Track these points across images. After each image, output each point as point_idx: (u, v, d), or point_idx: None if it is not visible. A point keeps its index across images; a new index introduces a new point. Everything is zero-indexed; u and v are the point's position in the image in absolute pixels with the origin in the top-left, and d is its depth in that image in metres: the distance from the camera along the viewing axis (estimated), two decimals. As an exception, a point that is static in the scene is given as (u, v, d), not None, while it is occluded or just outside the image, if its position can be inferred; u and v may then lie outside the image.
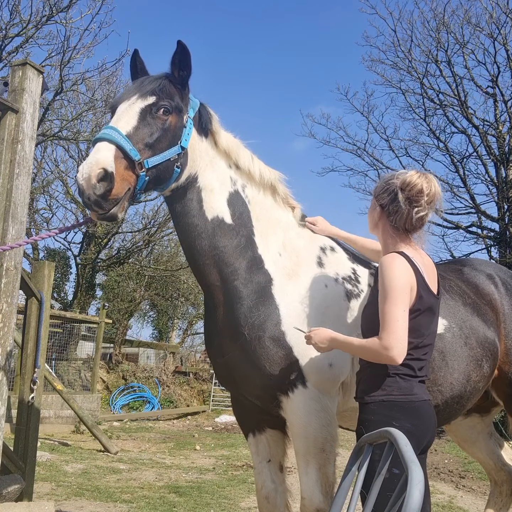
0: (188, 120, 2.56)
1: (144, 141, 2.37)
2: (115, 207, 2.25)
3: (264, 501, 2.81)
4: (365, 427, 2.14)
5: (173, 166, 2.48)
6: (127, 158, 2.28)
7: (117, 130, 2.31)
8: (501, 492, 3.63)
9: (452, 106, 17.38)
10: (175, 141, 2.49)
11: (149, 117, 2.43)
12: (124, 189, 2.26)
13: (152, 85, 2.48)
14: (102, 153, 2.23)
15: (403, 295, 2.15)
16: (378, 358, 2.15)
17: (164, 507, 5.60)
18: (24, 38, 12.61)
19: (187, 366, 18.73)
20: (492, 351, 3.04)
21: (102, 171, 2.18)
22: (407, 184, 2.29)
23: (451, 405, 2.88)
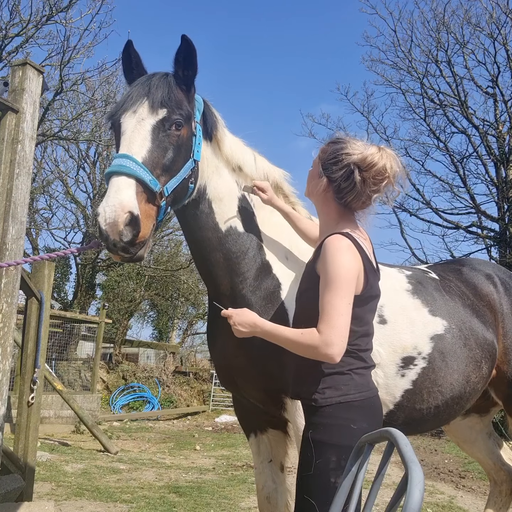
0: (197, 127, 2.37)
1: (161, 165, 2.16)
2: (142, 249, 2.06)
3: (265, 501, 2.80)
4: (319, 431, 1.98)
5: (188, 183, 2.32)
6: (148, 191, 2.07)
7: (133, 159, 2.07)
8: (501, 492, 3.63)
9: (452, 106, 17.38)
10: (188, 155, 2.30)
11: (162, 135, 2.20)
12: (150, 228, 2.08)
13: (160, 93, 2.23)
14: (124, 193, 1.99)
15: (349, 286, 1.93)
16: (313, 354, 1.93)
17: (164, 507, 5.60)
18: (24, 38, 12.61)
19: (187, 366, 18.73)
20: (491, 352, 3.05)
21: (128, 215, 1.96)
22: (367, 164, 2.03)
23: (451, 406, 2.89)
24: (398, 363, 2.73)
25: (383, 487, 5.92)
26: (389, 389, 2.70)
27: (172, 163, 2.20)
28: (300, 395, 2.11)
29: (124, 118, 2.21)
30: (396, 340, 2.74)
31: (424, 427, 2.96)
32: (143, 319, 29.11)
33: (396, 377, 2.72)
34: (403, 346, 2.75)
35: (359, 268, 2.00)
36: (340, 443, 1.94)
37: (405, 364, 2.74)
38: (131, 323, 25.92)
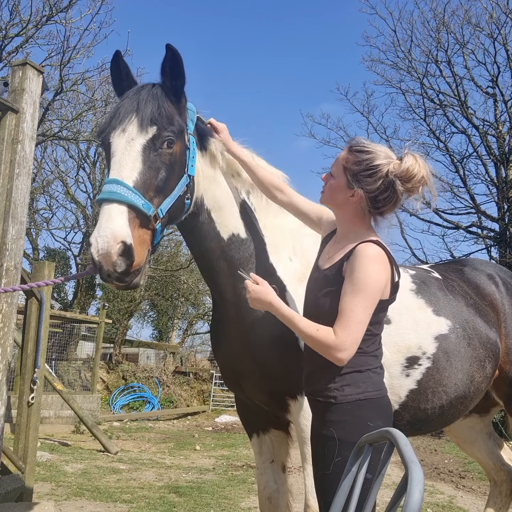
0: (190, 139, 2.29)
1: (153, 186, 2.08)
2: (137, 277, 2.01)
3: (266, 501, 2.80)
4: (339, 429, 1.98)
5: (183, 200, 2.24)
6: (141, 216, 2.01)
7: (123, 184, 2.00)
8: (501, 492, 3.64)
9: (452, 106, 17.38)
10: (182, 172, 2.22)
11: (153, 154, 2.11)
12: (144, 255, 2.02)
13: (150, 108, 2.12)
14: (116, 222, 1.93)
15: (374, 297, 1.98)
16: (324, 352, 1.97)
17: (164, 507, 5.60)
18: (24, 38, 12.61)
19: (187, 366, 18.72)
20: (494, 351, 3.05)
21: (121, 246, 1.91)
22: (408, 176, 2.05)
23: (455, 406, 2.89)
24: (402, 363, 2.73)
25: (383, 487, 5.92)
26: (394, 389, 2.69)
27: (165, 183, 2.13)
28: (316, 393, 2.09)
29: (114, 138, 2.12)
30: (401, 340, 2.74)
31: (429, 427, 2.95)
32: (143, 319, 29.11)
33: (401, 377, 2.72)
34: (407, 346, 2.75)
35: (387, 278, 2.03)
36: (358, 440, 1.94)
37: (409, 364, 2.74)
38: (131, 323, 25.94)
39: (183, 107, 2.28)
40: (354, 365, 2.02)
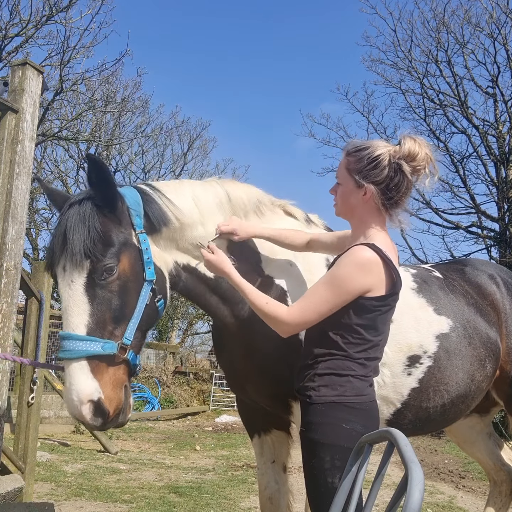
0: (140, 239, 2.12)
1: (110, 320, 1.99)
2: (121, 416, 1.99)
3: (267, 502, 2.80)
4: (311, 430, 1.98)
5: (154, 305, 2.13)
6: (105, 358, 1.94)
7: (75, 337, 1.93)
8: (501, 492, 3.63)
9: (452, 106, 17.39)
10: (140, 282, 2.08)
11: (98, 289, 1.99)
12: (121, 396, 1.98)
13: (79, 238, 1.97)
14: (78, 381, 1.90)
15: (342, 297, 1.96)
16: (270, 323, 2.06)
17: (164, 507, 5.60)
18: (24, 38, 12.63)
19: (187, 366, 18.72)
20: (495, 351, 3.05)
21: (90, 405, 1.89)
22: (411, 155, 2.07)
23: (457, 405, 2.90)
24: (404, 362, 2.73)
25: (383, 487, 5.92)
26: (396, 387, 2.70)
27: (122, 309, 2.02)
28: (298, 391, 2.11)
29: (58, 278, 2.05)
30: (402, 339, 2.74)
31: (431, 426, 2.95)
32: (143, 319, 29.05)
33: (402, 375, 2.72)
34: (409, 344, 2.75)
35: (371, 285, 1.99)
36: (332, 442, 1.93)
37: (411, 362, 2.74)
38: (131, 323, 25.88)
39: (121, 212, 2.10)
40: (335, 367, 2.01)
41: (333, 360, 2.01)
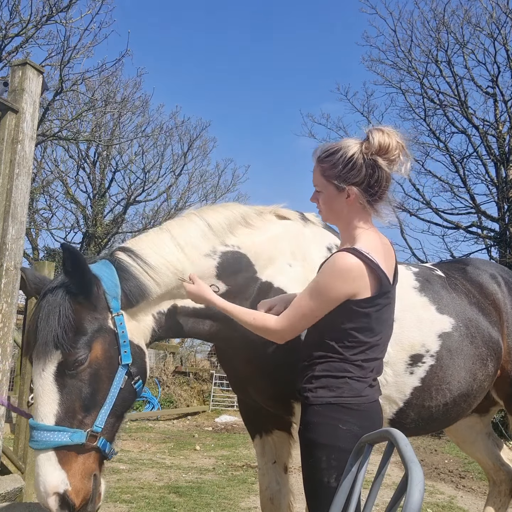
0: (116, 322, 2.10)
1: (80, 408, 1.98)
2: (90, 506, 1.98)
3: (268, 502, 2.80)
4: (308, 429, 2.00)
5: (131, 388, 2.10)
6: (74, 447, 1.94)
7: (43, 428, 1.93)
8: (500, 492, 3.64)
9: (452, 106, 17.39)
10: (114, 367, 2.06)
11: (68, 378, 1.98)
12: (90, 485, 1.97)
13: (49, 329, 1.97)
14: (44, 473, 1.90)
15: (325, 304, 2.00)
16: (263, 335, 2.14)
17: (164, 507, 5.60)
18: (24, 38, 12.63)
19: (187, 366, 18.72)
20: (496, 350, 3.05)
21: (55, 497, 1.90)
22: (383, 148, 2.04)
23: (459, 404, 2.90)
24: (406, 361, 2.73)
25: (383, 487, 5.92)
26: (398, 386, 2.70)
27: (92, 397, 2.01)
28: (298, 392, 2.12)
29: (33, 365, 2.06)
30: (404, 338, 2.74)
31: (433, 425, 2.96)
32: (143, 319, 29.06)
33: (405, 374, 2.72)
34: (411, 343, 2.75)
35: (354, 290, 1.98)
36: (328, 442, 1.94)
37: (413, 361, 2.74)
38: (131, 323, 25.87)
39: (97, 297, 2.09)
40: (331, 369, 2.01)
41: (329, 362, 2.02)
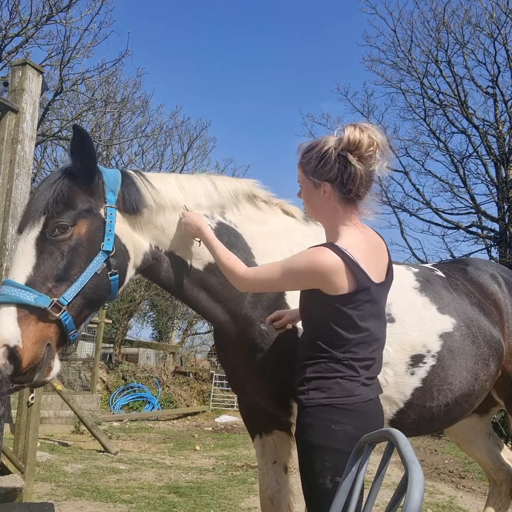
0: (107, 212, 2.18)
1: (53, 276, 2.03)
2: (37, 375, 1.98)
3: (268, 502, 2.79)
4: (303, 431, 2.00)
5: (106, 278, 2.14)
6: (36, 311, 1.96)
7: (12, 284, 1.98)
8: (500, 492, 3.63)
9: (452, 106, 17.39)
10: (94, 250, 2.12)
11: (47, 244, 2.06)
12: (40, 352, 1.97)
13: (42, 199, 2.09)
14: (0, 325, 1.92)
15: (291, 286, 2.07)
16: (229, 276, 2.20)
17: (164, 507, 5.60)
18: (24, 38, 12.61)
19: (187, 366, 18.73)
20: (498, 350, 3.05)
21: (5, 349, 1.90)
22: (352, 144, 2.00)
23: (460, 404, 2.89)
24: (407, 361, 2.72)
25: (383, 487, 5.92)
26: (399, 387, 2.69)
27: (66, 270, 2.05)
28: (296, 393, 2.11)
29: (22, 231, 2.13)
30: (405, 338, 2.73)
31: (434, 425, 2.95)
32: (143, 319, 29.11)
33: (405, 375, 2.71)
34: (412, 344, 2.74)
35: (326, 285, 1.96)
36: (321, 444, 1.93)
37: (414, 362, 2.73)
38: (131, 323, 25.92)
39: (96, 185, 2.19)
40: (321, 370, 2.01)
41: (319, 363, 2.01)
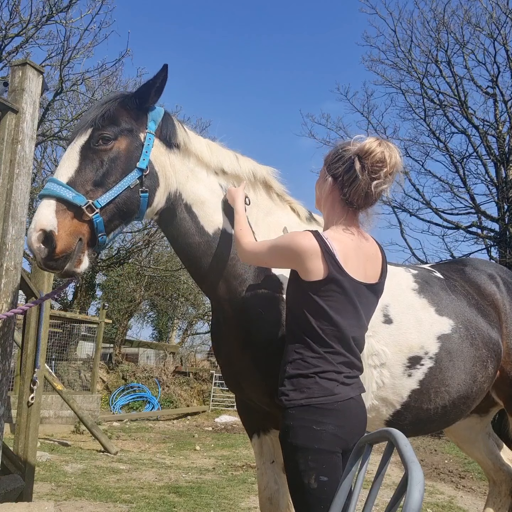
0: (147, 137, 2.37)
1: (91, 181, 2.22)
2: (68, 264, 2.15)
3: (266, 502, 2.79)
4: (286, 433, 2.00)
5: (137, 193, 2.31)
6: (72, 208, 2.15)
7: (56, 181, 2.18)
8: (500, 492, 3.63)
9: (452, 106, 17.38)
10: (130, 166, 2.31)
11: (90, 152, 2.26)
12: (73, 243, 2.15)
13: (92, 115, 2.32)
14: (40, 213, 2.12)
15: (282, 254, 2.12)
16: (237, 244, 2.32)
17: (164, 507, 5.60)
18: (24, 38, 12.60)
19: (187, 366, 18.73)
20: (496, 351, 3.04)
21: (40, 234, 2.09)
22: (365, 152, 2.04)
23: (458, 406, 2.88)
24: (404, 363, 2.72)
25: (383, 487, 5.92)
26: (396, 389, 2.69)
27: (103, 177, 2.25)
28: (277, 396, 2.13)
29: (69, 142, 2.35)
30: (403, 339, 2.73)
31: (431, 427, 2.94)
32: (143, 319, 29.14)
33: (403, 377, 2.71)
34: (409, 345, 2.74)
35: (302, 266, 2.05)
36: (303, 444, 1.94)
37: (411, 364, 2.73)
38: (131, 323, 25.95)
39: (142, 112, 2.39)
40: (300, 367, 2.02)
41: (297, 360, 2.03)
